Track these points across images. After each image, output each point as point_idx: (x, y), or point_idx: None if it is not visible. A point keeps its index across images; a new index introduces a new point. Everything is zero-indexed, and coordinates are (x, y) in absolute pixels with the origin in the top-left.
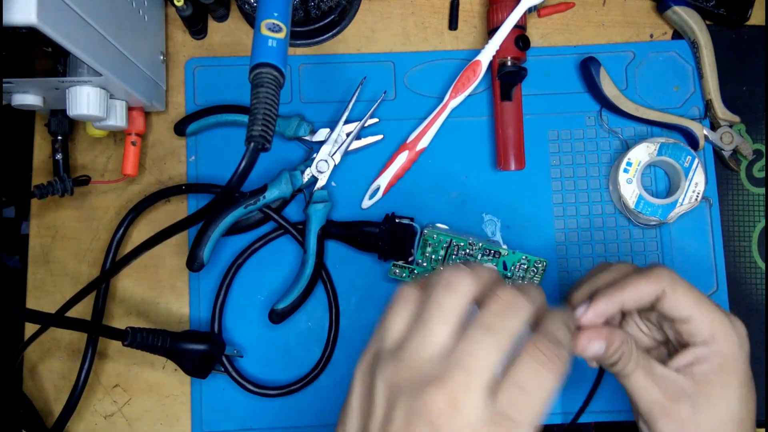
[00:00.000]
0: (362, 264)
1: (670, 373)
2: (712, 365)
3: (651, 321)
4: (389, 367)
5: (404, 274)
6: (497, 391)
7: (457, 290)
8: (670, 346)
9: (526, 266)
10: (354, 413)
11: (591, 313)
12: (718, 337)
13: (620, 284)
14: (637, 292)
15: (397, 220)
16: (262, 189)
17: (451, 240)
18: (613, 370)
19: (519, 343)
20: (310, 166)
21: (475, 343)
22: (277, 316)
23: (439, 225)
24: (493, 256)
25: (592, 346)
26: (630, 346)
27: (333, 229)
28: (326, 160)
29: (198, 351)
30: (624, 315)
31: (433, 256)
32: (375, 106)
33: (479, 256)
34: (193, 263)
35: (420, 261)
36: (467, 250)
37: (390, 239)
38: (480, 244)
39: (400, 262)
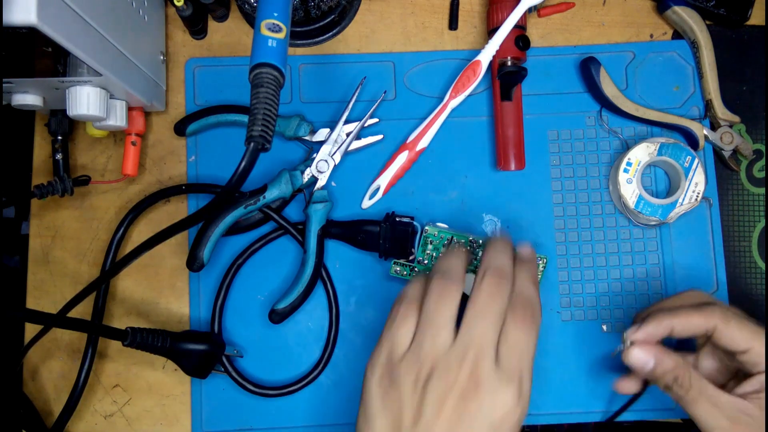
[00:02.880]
0: (362, 264)
1: (736, 400)
2: None
3: (721, 352)
4: (410, 365)
5: (405, 272)
6: (499, 356)
7: (448, 298)
8: (741, 374)
9: None
10: (378, 415)
11: (640, 333)
12: None
13: (673, 312)
14: (687, 321)
15: (397, 219)
16: (262, 189)
17: (452, 237)
18: (675, 396)
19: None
20: (310, 166)
21: (473, 328)
22: (277, 316)
23: (439, 224)
24: None
25: (638, 358)
26: (688, 373)
27: (333, 229)
28: (326, 160)
29: (198, 351)
30: (698, 348)
31: (434, 254)
32: (375, 106)
33: (480, 254)
34: (193, 263)
35: (421, 259)
36: (468, 248)
37: (391, 238)
38: (481, 241)
39: (401, 261)
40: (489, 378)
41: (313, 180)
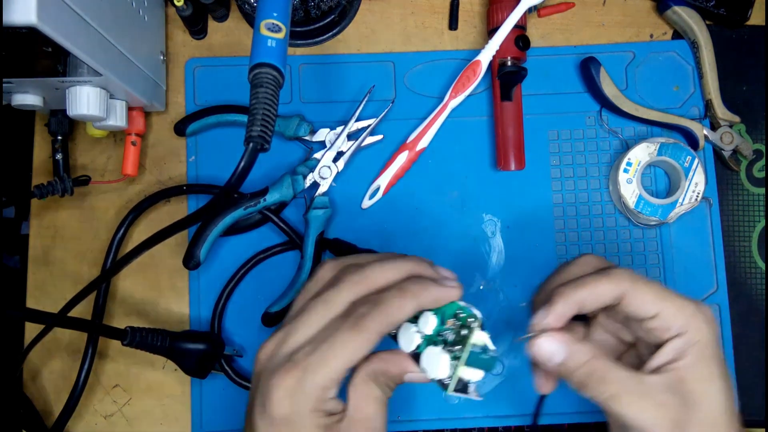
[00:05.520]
0: None
1: (653, 379)
2: (693, 356)
3: (617, 321)
4: (267, 346)
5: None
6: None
7: (340, 288)
8: (642, 347)
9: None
10: (252, 396)
11: (551, 318)
12: (691, 325)
13: (579, 284)
14: (596, 291)
15: None
16: (263, 192)
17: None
18: (590, 393)
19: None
20: (312, 170)
21: (333, 340)
22: (270, 320)
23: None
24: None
25: (546, 349)
26: (604, 364)
27: (344, 252)
28: (329, 167)
29: (198, 351)
30: (589, 321)
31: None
32: (382, 115)
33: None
34: (189, 261)
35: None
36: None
37: None
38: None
39: None
40: (301, 403)
41: (315, 185)
